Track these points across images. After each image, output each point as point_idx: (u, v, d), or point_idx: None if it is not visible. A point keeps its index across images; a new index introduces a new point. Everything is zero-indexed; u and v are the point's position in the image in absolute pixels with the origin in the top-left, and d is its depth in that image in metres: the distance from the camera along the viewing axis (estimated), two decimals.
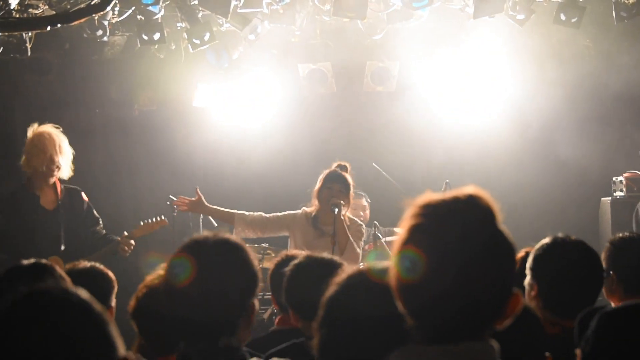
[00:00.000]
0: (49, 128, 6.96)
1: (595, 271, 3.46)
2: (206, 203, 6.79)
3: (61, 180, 7.07)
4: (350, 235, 6.54)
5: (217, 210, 6.82)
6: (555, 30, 8.88)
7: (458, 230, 1.82)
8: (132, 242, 6.91)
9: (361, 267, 2.36)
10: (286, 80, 9.87)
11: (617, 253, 3.87)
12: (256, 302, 2.72)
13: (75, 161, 10.08)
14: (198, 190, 6.83)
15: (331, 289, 2.33)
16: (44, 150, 6.83)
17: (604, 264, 3.88)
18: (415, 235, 1.86)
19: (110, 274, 4.06)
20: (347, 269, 2.36)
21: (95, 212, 7.18)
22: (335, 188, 6.52)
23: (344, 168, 6.71)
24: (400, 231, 1.92)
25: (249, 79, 9.76)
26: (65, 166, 6.97)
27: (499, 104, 9.76)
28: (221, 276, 2.60)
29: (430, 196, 1.89)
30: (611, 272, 3.80)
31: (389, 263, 2.34)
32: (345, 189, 6.55)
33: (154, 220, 7.07)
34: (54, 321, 1.63)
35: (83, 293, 1.71)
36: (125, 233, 6.89)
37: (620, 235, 4.02)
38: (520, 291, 1.89)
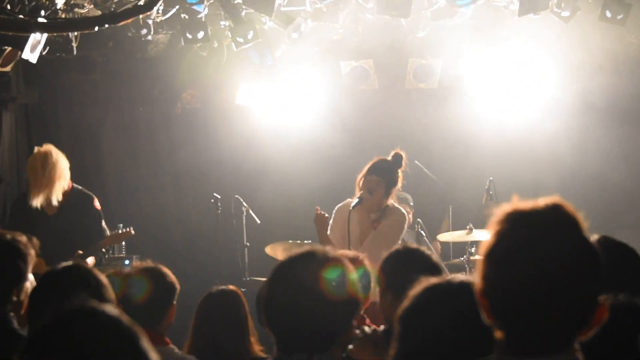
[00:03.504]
0: (41, 158, 6.79)
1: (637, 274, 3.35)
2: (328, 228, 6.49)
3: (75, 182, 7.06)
4: (373, 227, 6.40)
5: (327, 237, 6.44)
6: (600, 27, 8.76)
7: (546, 238, 1.82)
8: (102, 250, 6.95)
9: (437, 279, 2.34)
10: (328, 78, 9.88)
11: None
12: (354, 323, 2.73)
13: (119, 158, 10.23)
14: (320, 210, 6.50)
15: (406, 302, 2.33)
16: (33, 185, 6.81)
17: None
18: (502, 242, 1.85)
19: (171, 275, 4.16)
20: (423, 282, 2.34)
21: (102, 225, 7.03)
22: (372, 180, 6.39)
23: (398, 156, 6.56)
24: (486, 237, 1.91)
25: (291, 76, 9.80)
26: (60, 186, 6.82)
27: (543, 102, 9.66)
28: (325, 296, 2.64)
29: (516, 203, 1.88)
30: None
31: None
32: (385, 179, 6.41)
33: (121, 231, 7.08)
34: (84, 345, 1.63)
35: (111, 309, 1.72)
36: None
37: None
38: (607, 300, 1.87)
